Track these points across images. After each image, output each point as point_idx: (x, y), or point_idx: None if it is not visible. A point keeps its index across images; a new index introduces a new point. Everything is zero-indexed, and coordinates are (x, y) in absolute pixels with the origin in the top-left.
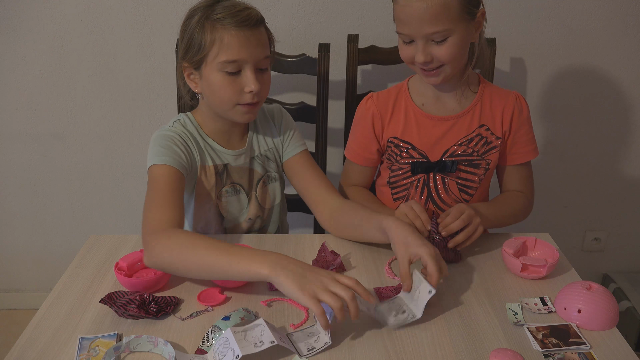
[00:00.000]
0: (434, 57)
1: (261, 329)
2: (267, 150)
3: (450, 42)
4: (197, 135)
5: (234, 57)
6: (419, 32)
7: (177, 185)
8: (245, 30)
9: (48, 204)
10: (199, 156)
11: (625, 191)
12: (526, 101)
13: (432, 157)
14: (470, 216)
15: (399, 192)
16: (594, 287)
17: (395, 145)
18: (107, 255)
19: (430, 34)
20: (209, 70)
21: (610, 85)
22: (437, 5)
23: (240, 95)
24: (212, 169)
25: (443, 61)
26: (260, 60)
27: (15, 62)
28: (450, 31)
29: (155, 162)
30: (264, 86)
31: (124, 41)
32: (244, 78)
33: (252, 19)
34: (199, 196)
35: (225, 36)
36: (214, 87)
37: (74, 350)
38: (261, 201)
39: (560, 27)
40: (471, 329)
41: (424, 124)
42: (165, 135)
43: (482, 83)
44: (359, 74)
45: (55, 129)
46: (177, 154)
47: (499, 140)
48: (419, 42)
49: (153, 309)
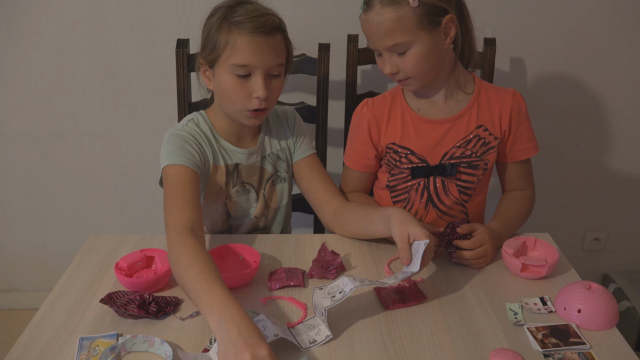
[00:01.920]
0: (400, 69)
1: (263, 324)
2: (279, 150)
3: (413, 53)
4: (210, 135)
5: (244, 61)
6: (380, 45)
7: (192, 185)
8: (259, 36)
9: (48, 204)
10: (212, 156)
11: (625, 191)
12: (523, 97)
13: (431, 160)
14: (486, 251)
15: (399, 196)
16: (594, 287)
17: (394, 151)
18: (107, 255)
19: (389, 47)
20: (220, 71)
21: (610, 85)
22: (389, 21)
23: (248, 100)
24: (224, 169)
25: (407, 73)
26: (272, 67)
27: (15, 62)
28: (409, 43)
29: (169, 162)
30: (273, 93)
31: (124, 41)
32: (253, 83)
33: (268, 25)
34: (209, 195)
35: (239, 40)
36: (224, 88)
37: (74, 350)
38: (268, 200)
39: (560, 27)
40: (471, 329)
41: (422, 128)
42: (179, 134)
43: (477, 83)
44: (359, 74)
45: (55, 129)
46: (191, 153)
47: (497, 140)
48: (384, 55)
49: (153, 309)
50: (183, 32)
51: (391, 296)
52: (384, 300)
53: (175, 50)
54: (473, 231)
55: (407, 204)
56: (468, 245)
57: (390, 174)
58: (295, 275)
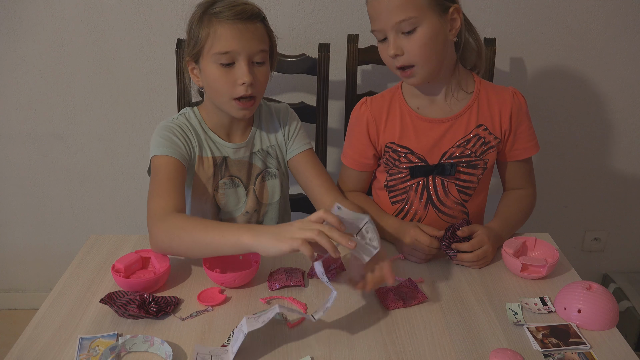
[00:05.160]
0: (405, 51)
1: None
2: (269, 147)
3: (419, 33)
4: (198, 127)
5: (226, 48)
6: (388, 22)
7: (176, 174)
8: (238, 23)
9: (48, 204)
10: (198, 147)
11: (625, 191)
12: (523, 96)
13: (431, 160)
14: (486, 252)
15: (397, 196)
16: (594, 287)
17: (393, 150)
18: (107, 255)
19: (398, 23)
20: (205, 63)
21: (610, 85)
22: None
23: (234, 88)
24: (211, 161)
25: (412, 57)
26: (255, 53)
27: (15, 62)
28: (418, 20)
29: (156, 153)
30: (258, 79)
31: (124, 41)
32: (237, 70)
33: (247, 12)
34: (197, 187)
35: (219, 28)
36: (210, 79)
37: (74, 350)
38: (259, 196)
39: (560, 27)
40: (471, 329)
41: (421, 127)
42: (166, 126)
43: (477, 82)
44: (359, 74)
45: (55, 129)
46: (177, 144)
47: (497, 140)
48: (390, 35)
49: (153, 309)
50: (183, 32)
51: (391, 296)
52: (384, 301)
53: (175, 50)
54: (473, 233)
55: (406, 205)
56: (467, 248)
57: (389, 173)
58: (295, 275)
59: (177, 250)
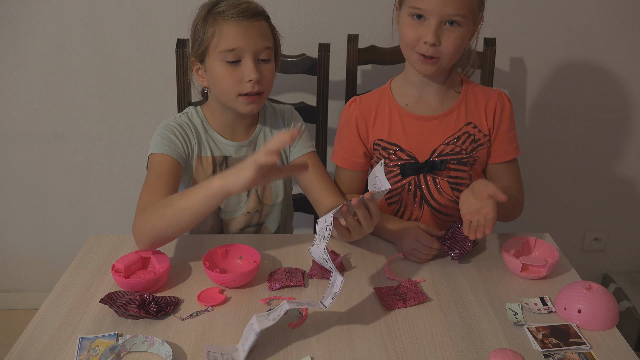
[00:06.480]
0: (441, 43)
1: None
2: None
3: (460, 32)
4: (200, 126)
5: (233, 45)
6: (440, 10)
7: (169, 171)
8: (243, 20)
9: (48, 204)
10: (197, 146)
11: (625, 191)
12: (510, 100)
13: (421, 158)
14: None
15: (391, 197)
16: (594, 287)
17: (383, 147)
18: (107, 255)
19: (450, 16)
20: (211, 61)
21: (610, 85)
22: None
23: (241, 85)
24: (210, 160)
25: (444, 51)
26: (260, 50)
27: (15, 62)
28: (465, 20)
29: (152, 151)
30: (265, 76)
31: (124, 41)
32: (244, 67)
33: (251, 10)
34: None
35: (224, 27)
36: (216, 77)
37: (74, 350)
38: (261, 196)
39: (560, 27)
40: (471, 329)
41: (409, 124)
42: (167, 125)
43: (465, 83)
44: (359, 74)
45: (55, 129)
46: (175, 143)
47: (487, 137)
48: (433, 21)
49: (153, 309)
50: (183, 32)
51: (391, 296)
52: (384, 301)
53: (175, 50)
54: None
55: (401, 206)
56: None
57: None
58: (295, 275)
59: (160, 231)
